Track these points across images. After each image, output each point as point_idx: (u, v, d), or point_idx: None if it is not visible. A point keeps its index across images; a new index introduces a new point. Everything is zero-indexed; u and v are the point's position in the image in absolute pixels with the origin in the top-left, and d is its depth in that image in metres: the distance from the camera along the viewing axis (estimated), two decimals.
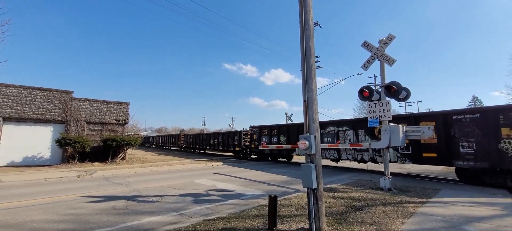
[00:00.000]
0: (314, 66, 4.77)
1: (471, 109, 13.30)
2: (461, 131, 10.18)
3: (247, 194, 8.15)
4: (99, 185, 9.35)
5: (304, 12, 4.87)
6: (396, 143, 8.50)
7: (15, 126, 14.89)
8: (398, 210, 5.94)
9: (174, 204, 6.67)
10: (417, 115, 12.71)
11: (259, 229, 4.60)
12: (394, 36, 9.08)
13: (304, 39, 4.81)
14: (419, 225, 4.97)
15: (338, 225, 4.87)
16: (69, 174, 11.59)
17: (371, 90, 9.24)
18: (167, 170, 14.27)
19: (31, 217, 5.43)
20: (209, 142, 29.22)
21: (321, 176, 4.46)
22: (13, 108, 14.71)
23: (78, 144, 15.08)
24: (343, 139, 14.55)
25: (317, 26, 23.65)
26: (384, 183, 8.57)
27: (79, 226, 4.95)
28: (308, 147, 4.41)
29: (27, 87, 15.34)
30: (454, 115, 10.49)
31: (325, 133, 15.43)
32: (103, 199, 7.13)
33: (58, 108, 16.10)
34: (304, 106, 4.70)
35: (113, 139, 16.69)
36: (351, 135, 14.15)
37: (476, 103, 66.35)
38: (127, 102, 19.24)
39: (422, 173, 13.56)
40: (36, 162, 15.23)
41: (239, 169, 15.28)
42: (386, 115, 8.83)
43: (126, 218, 5.45)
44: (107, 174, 12.08)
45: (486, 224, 5.07)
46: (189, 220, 5.31)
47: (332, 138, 15.15)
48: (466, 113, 10.25)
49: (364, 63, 9.53)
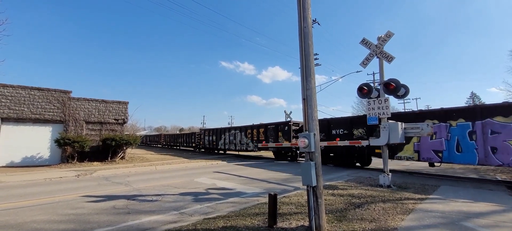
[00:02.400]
0: (313, 64, 4.77)
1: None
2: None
3: (247, 192, 8.17)
4: (99, 185, 9.35)
5: (303, 9, 4.86)
6: (395, 140, 8.52)
7: (14, 126, 14.85)
8: (398, 207, 5.97)
9: (174, 203, 6.67)
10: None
11: (259, 227, 4.62)
12: (392, 33, 9.07)
13: (303, 37, 4.81)
14: (419, 221, 5.00)
15: (338, 222, 4.90)
16: (69, 174, 11.57)
17: (370, 87, 9.26)
18: (167, 169, 14.27)
19: (31, 218, 5.43)
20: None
21: (320, 173, 4.47)
22: (12, 108, 14.66)
23: (77, 143, 15.06)
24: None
25: (315, 24, 23.63)
26: (383, 180, 8.61)
27: (79, 226, 4.95)
28: (307, 145, 4.41)
29: (25, 87, 15.29)
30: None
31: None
32: (103, 199, 7.13)
33: (56, 108, 16.06)
34: (303, 104, 4.70)
35: (113, 138, 16.68)
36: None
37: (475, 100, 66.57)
38: (126, 102, 19.21)
39: (421, 170, 13.62)
40: (36, 162, 15.21)
41: (239, 167, 15.30)
42: (385, 112, 8.84)
43: (126, 217, 5.45)
44: (107, 174, 12.07)
45: (485, 220, 5.11)
46: (189, 219, 5.32)
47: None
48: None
49: (363, 61, 9.53)
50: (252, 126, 22.09)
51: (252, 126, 22.17)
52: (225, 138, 24.87)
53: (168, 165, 15.94)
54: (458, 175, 11.61)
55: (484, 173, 12.46)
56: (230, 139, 24.21)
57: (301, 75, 4.79)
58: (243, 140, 22.42)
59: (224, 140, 24.97)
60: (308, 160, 4.53)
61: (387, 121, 8.83)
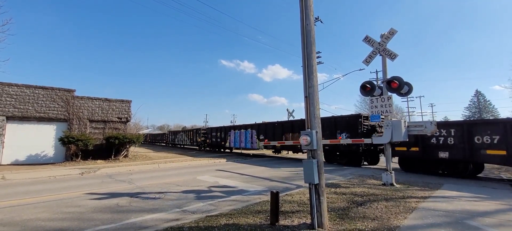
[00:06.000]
0: (315, 62, 4.75)
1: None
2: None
3: (249, 190, 8.18)
4: (102, 182, 9.42)
5: (305, 7, 4.83)
6: (398, 138, 8.47)
7: (19, 125, 15.00)
8: (400, 205, 5.94)
9: (176, 201, 6.71)
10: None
11: (261, 225, 4.62)
12: (395, 30, 9.00)
13: (305, 35, 4.78)
14: (421, 220, 4.97)
15: (340, 220, 4.88)
16: (73, 172, 11.68)
17: (373, 85, 9.20)
18: (170, 167, 14.34)
19: (35, 215, 5.49)
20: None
21: (322, 171, 4.46)
22: (16, 107, 14.81)
23: (81, 142, 15.17)
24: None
25: (318, 22, 23.50)
26: (386, 178, 8.57)
27: (83, 223, 5.00)
28: (309, 143, 4.40)
29: (30, 86, 15.42)
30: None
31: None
32: (107, 196, 7.18)
33: (60, 106, 16.18)
34: (306, 102, 4.68)
35: (116, 136, 16.77)
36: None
37: (479, 98, 65.82)
38: (129, 100, 19.29)
39: None
40: (40, 160, 15.36)
41: (242, 165, 15.33)
42: (388, 110, 8.79)
43: (129, 215, 5.49)
44: (110, 171, 12.16)
45: (490, 219, 5.06)
46: (191, 216, 5.35)
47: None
48: None
49: (366, 58, 9.47)
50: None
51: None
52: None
53: (171, 163, 16.01)
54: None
55: (488, 171, 12.34)
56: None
57: (303, 73, 4.77)
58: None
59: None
60: (310, 157, 4.52)
61: (390, 118, 8.77)
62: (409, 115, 48.60)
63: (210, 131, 28.91)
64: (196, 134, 32.02)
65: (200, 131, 31.63)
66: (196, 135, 32.05)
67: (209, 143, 28.51)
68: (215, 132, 27.53)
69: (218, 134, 26.79)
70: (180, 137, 38.15)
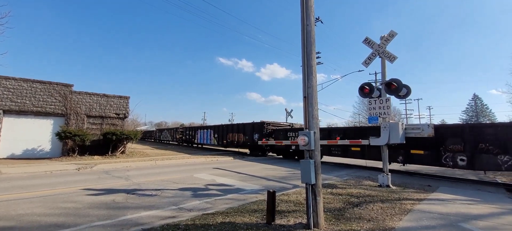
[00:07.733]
0: (314, 62, 4.76)
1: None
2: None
3: (246, 189, 8.19)
4: (99, 178, 9.40)
5: (306, 8, 4.83)
6: (395, 140, 8.52)
7: (16, 119, 14.91)
8: (396, 207, 5.98)
9: (173, 198, 6.70)
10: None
11: (257, 224, 4.63)
12: (395, 32, 9.03)
13: (305, 35, 4.79)
14: (416, 222, 5.00)
15: (335, 220, 4.91)
16: (69, 167, 11.63)
17: (372, 87, 9.23)
18: (167, 164, 14.32)
19: (31, 209, 5.47)
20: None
21: (319, 171, 4.48)
22: (13, 101, 14.72)
23: (78, 137, 15.12)
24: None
25: (318, 22, 23.52)
26: (382, 179, 8.62)
27: (78, 218, 4.99)
28: (307, 143, 4.42)
29: (27, 80, 15.32)
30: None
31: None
32: (103, 192, 7.17)
33: (58, 101, 16.10)
34: (304, 102, 4.69)
35: (113, 132, 16.72)
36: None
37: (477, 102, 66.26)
38: (127, 96, 19.23)
39: (420, 170, 13.60)
40: (37, 155, 15.29)
41: (239, 163, 15.34)
42: (386, 112, 8.83)
43: (125, 211, 5.48)
44: (107, 168, 12.12)
45: (484, 222, 5.10)
46: (188, 214, 5.35)
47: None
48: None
49: (365, 60, 9.49)
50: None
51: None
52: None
53: (168, 160, 15.99)
54: (457, 177, 11.60)
55: (483, 175, 12.43)
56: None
57: (302, 73, 4.78)
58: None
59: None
60: (307, 158, 4.53)
61: (388, 120, 8.81)
62: (406, 117, 48.82)
63: (185, 130, 36.16)
64: (176, 132, 38.61)
65: (179, 130, 38.47)
66: (175, 132, 38.75)
67: (184, 139, 34.69)
68: (188, 131, 34.34)
69: (190, 133, 33.09)
70: (164, 134, 43.95)
